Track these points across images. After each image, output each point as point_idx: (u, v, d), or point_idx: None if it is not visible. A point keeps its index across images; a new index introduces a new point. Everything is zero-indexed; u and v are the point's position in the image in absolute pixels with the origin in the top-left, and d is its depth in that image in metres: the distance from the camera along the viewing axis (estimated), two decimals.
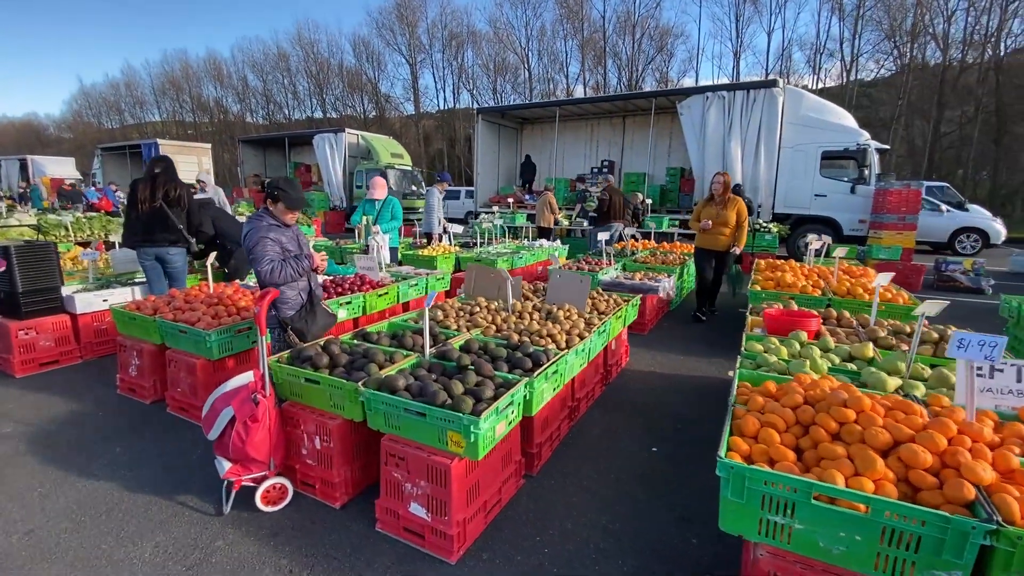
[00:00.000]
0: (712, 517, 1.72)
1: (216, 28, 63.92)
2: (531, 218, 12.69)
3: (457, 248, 7.25)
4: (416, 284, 4.94)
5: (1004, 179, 25.84)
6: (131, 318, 3.54)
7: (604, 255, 6.15)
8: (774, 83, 10.71)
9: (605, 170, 14.77)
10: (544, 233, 10.77)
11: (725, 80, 31.23)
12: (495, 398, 2.15)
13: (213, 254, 4.03)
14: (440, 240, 7.60)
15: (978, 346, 1.79)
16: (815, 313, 3.23)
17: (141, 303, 3.69)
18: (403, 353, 2.60)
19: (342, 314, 3.92)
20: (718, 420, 3.34)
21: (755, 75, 31.29)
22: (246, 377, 2.46)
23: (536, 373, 2.43)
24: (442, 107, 39.73)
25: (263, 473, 2.35)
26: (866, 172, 10.22)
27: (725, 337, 5.19)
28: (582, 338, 3.00)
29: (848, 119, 10.69)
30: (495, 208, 14.01)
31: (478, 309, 3.49)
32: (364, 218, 6.13)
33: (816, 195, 10.64)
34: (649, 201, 11.48)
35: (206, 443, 2.98)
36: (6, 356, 4.01)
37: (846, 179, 10.49)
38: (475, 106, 40.72)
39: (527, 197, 14.64)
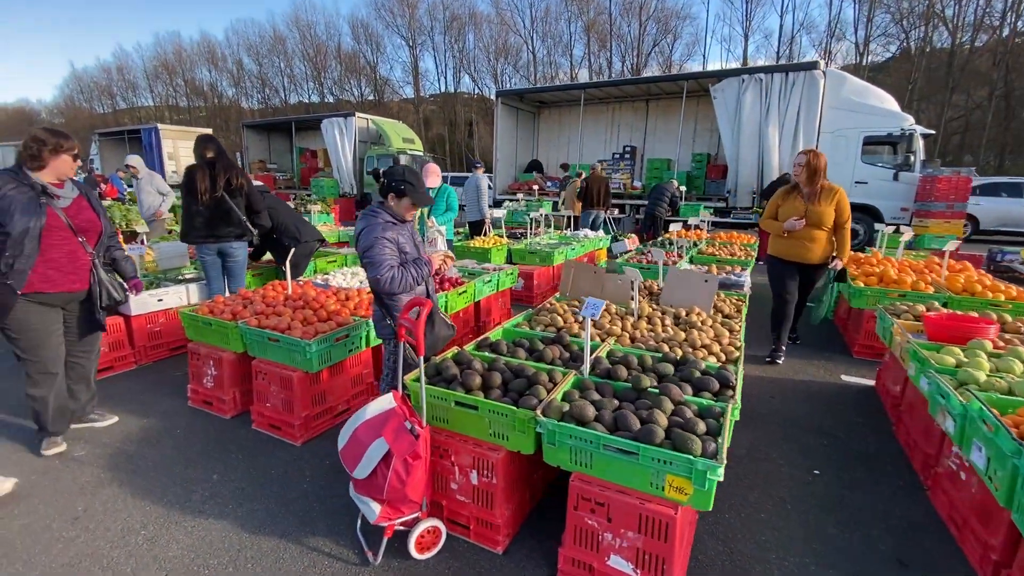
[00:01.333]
0: (932, 560, 1.40)
1: (210, 10, 62.10)
2: (554, 206, 12.31)
3: (507, 240, 6.86)
4: (490, 281, 4.58)
5: (1009, 165, 25.71)
6: (206, 323, 3.16)
7: (675, 246, 5.79)
8: (815, 65, 10.32)
9: (627, 155, 14.40)
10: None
11: (734, 64, 30.70)
12: (710, 433, 1.82)
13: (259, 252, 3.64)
14: (490, 230, 7.20)
15: None
16: (990, 318, 2.91)
17: (213, 305, 3.31)
18: (561, 371, 2.25)
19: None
20: (865, 434, 3.08)
21: (761, 59, 30.80)
22: (387, 401, 2.11)
23: (732, 397, 2.10)
24: (443, 91, 38.90)
25: (415, 515, 2.01)
26: (911, 158, 9.92)
27: (808, 334, 4.90)
28: (738, 348, 2.67)
29: (891, 103, 10.34)
30: (519, 195, 13.60)
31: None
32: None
33: (856, 182, 10.32)
34: (683, 188, 11.10)
35: (313, 468, 2.65)
36: None
37: (888, 165, 10.18)
38: (476, 90, 40.18)
39: (548, 184, 14.22)
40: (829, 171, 10.54)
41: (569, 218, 10.65)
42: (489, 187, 8.69)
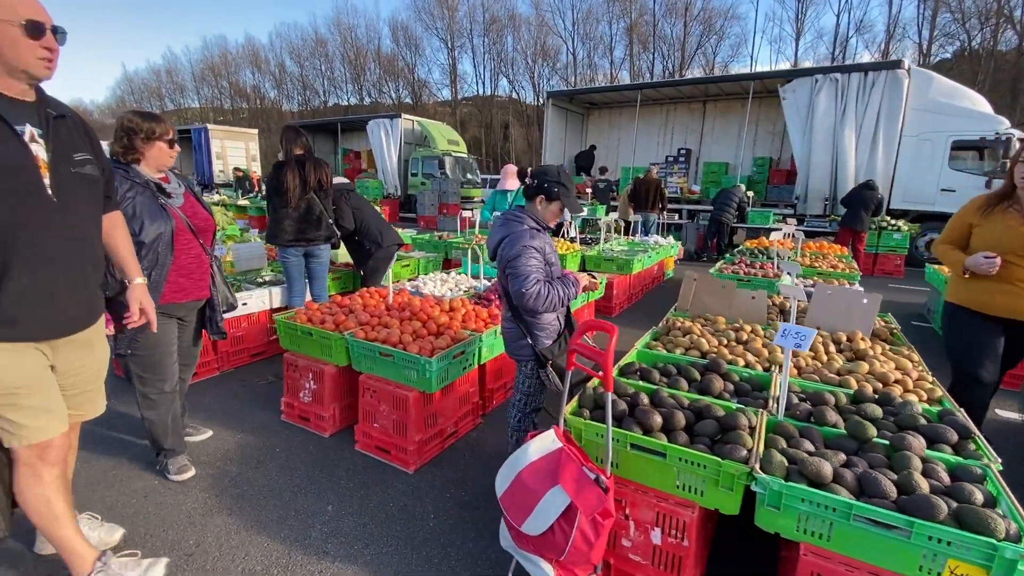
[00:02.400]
0: None
1: (256, 13, 63.91)
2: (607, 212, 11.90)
3: (581, 246, 6.52)
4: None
5: None
6: (306, 333, 2.92)
7: (775, 257, 5.34)
8: (899, 64, 9.66)
9: (682, 158, 13.89)
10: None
11: (785, 64, 29.62)
12: (987, 503, 1.44)
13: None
14: (567, 234, 6.87)
15: None
16: None
17: (310, 314, 3.07)
18: (752, 411, 1.89)
19: None
20: None
21: (808, 60, 29.61)
22: (550, 440, 1.79)
23: (974, 451, 1.71)
24: (480, 93, 38.87)
25: None
26: (1008, 165, 9.14)
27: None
28: (934, 384, 2.26)
29: (984, 105, 9.59)
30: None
31: (745, 335, 2.77)
32: (496, 214, 5.42)
33: (943, 190, 9.60)
34: (751, 194, 10.55)
35: (436, 504, 2.35)
36: None
37: (979, 172, 9.42)
38: (512, 93, 40.03)
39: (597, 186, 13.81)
40: (911, 176, 9.99)
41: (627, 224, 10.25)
42: None
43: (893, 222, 9.08)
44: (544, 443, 1.80)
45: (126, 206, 2.09)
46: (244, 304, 3.82)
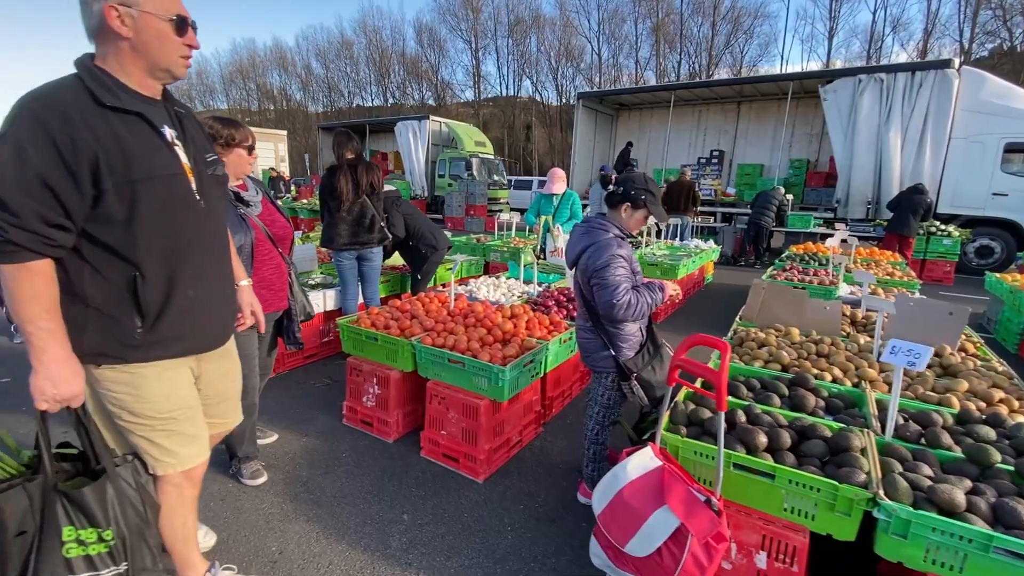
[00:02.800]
0: None
1: (284, 14, 64.82)
2: None
3: None
4: None
5: None
6: (371, 338, 2.91)
7: (831, 265, 5.17)
8: (948, 63, 9.32)
9: (715, 160, 13.67)
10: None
11: (815, 65, 28.96)
12: None
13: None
14: None
15: None
16: None
17: (374, 318, 3.06)
18: (856, 431, 1.80)
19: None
20: None
21: (839, 60, 28.83)
22: (648, 457, 1.74)
23: None
24: (503, 94, 38.88)
25: None
26: None
27: None
28: None
29: None
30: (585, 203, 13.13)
31: (826, 347, 2.66)
32: (540, 218, 5.38)
33: (994, 194, 9.23)
34: (791, 197, 10.30)
35: (511, 515, 2.32)
36: None
37: None
38: (535, 94, 39.97)
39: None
40: (960, 180, 9.60)
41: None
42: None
43: (943, 227, 8.76)
44: (643, 460, 1.75)
45: None
46: None
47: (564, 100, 35.58)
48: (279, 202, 13.41)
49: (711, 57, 31.17)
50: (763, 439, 1.74)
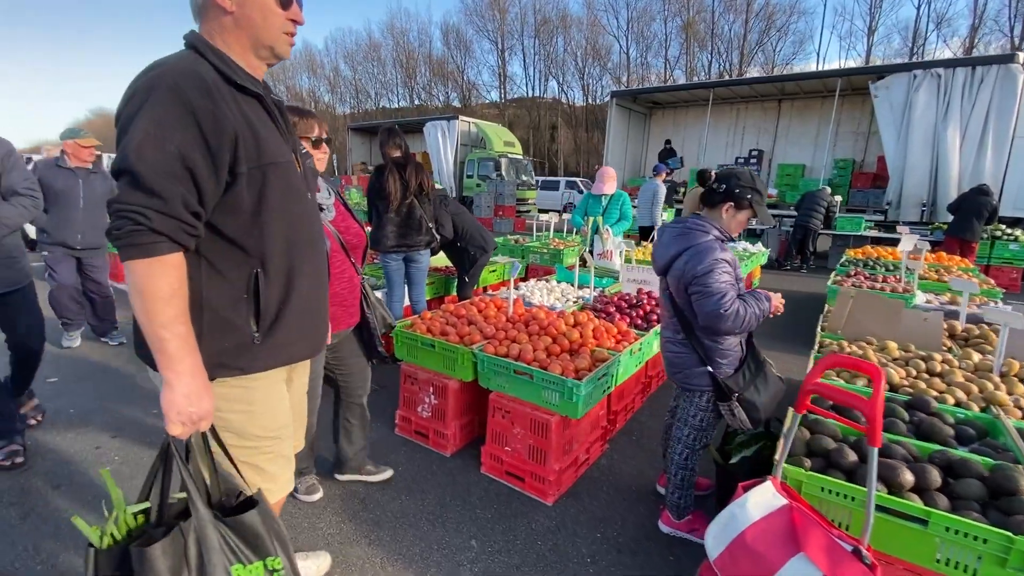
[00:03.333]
0: None
1: (315, 15, 65.23)
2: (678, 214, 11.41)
3: None
4: None
5: None
6: (427, 344, 2.74)
7: (903, 271, 4.80)
8: (1012, 57, 8.77)
9: (754, 160, 13.22)
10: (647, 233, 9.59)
11: (856, 62, 27.94)
12: None
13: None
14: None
15: None
16: None
17: (429, 323, 2.89)
18: (1017, 470, 1.54)
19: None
20: None
21: (878, 58, 27.73)
22: (769, 494, 1.51)
23: None
24: (529, 94, 38.70)
25: None
26: None
27: None
28: None
29: None
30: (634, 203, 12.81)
31: (937, 365, 2.38)
32: (588, 218, 5.15)
33: None
34: (839, 198, 9.84)
35: (588, 544, 2.11)
36: None
37: None
38: (561, 94, 39.64)
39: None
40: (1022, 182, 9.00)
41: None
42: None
43: (1009, 231, 8.23)
44: (764, 497, 1.52)
45: None
46: None
47: (591, 100, 35.22)
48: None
49: (743, 55, 30.43)
50: (909, 477, 1.50)
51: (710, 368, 1.94)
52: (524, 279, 5.92)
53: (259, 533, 1.12)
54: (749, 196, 1.89)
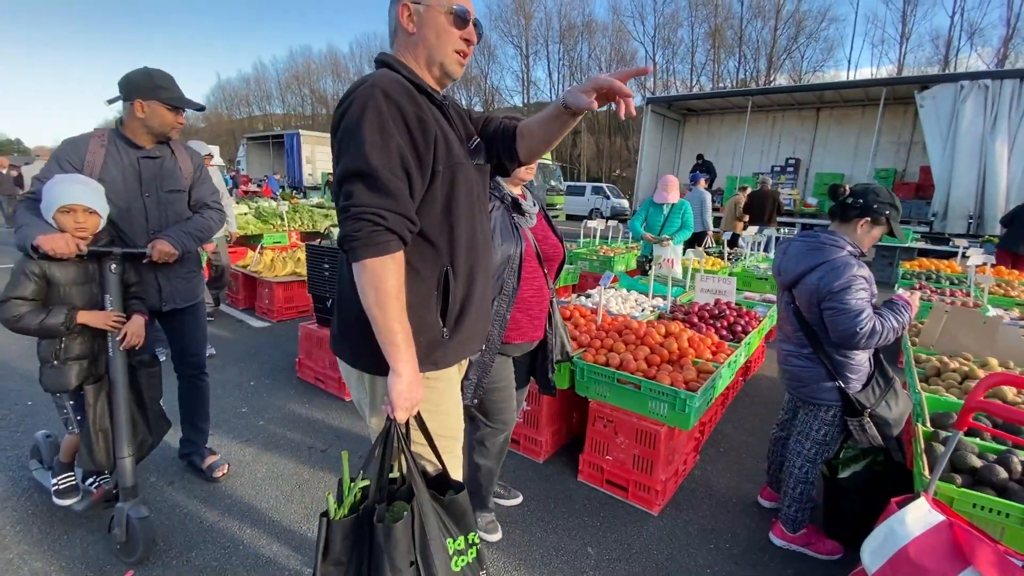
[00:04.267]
0: None
1: (342, 23, 66.59)
2: (716, 222, 11.34)
3: (726, 262, 6.14)
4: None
5: None
6: None
7: (969, 285, 4.73)
8: None
9: (791, 168, 13.10)
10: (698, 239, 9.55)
11: (887, 70, 27.55)
12: None
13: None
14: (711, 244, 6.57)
15: None
16: None
17: None
18: None
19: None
20: None
21: (917, 67, 27.23)
22: (926, 511, 1.52)
23: None
24: (552, 99, 38.80)
25: None
26: None
27: None
28: None
29: None
30: None
31: None
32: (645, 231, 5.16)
33: None
34: None
35: (704, 554, 2.12)
36: (337, 376, 3.46)
37: None
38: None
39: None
40: None
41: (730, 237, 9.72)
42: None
43: None
44: (921, 514, 1.53)
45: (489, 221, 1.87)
46: None
47: (614, 105, 35.15)
48: None
49: (771, 61, 30.17)
50: None
51: (840, 383, 1.95)
52: (575, 287, 5.97)
53: (466, 511, 1.23)
54: (887, 212, 1.90)
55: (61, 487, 2.15)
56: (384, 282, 1.08)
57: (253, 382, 3.70)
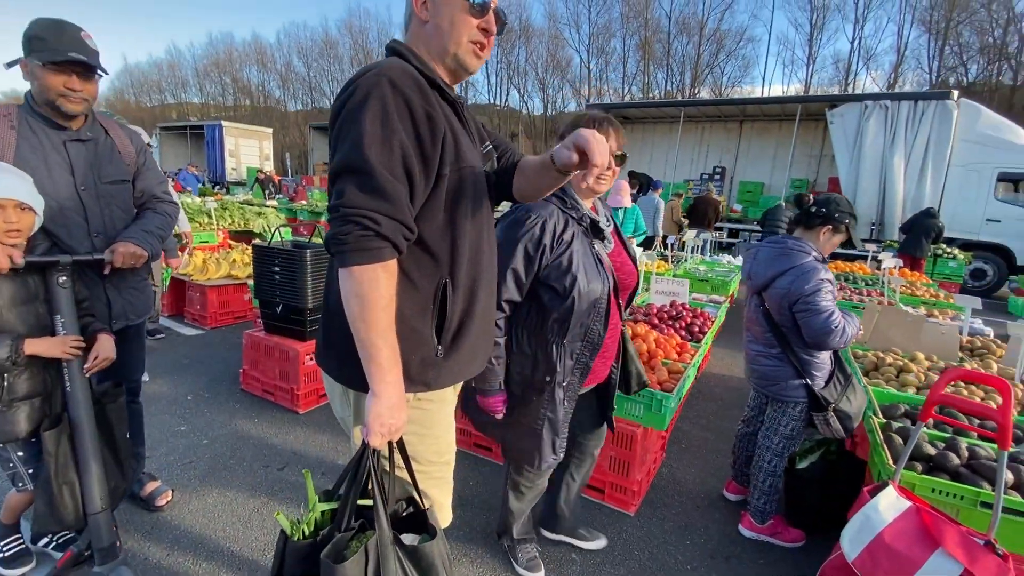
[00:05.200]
0: None
1: (266, 12, 62.60)
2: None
3: (669, 264, 6.40)
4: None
5: None
6: None
7: (883, 286, 5.23)
8: (948, 95, 9.79)
9: (718, 176, 13.95)
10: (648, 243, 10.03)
11: (796, 88, 30.12)
12: None
13: None
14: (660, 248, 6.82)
15: None
16: None
17: None
18: None
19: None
20: None
21: (821, 87, 30.06)
22: (895, 498, 1.65)
23: None
24: (491, 102, 38.91)
25: None
26: None
27: None
28: None
29: None
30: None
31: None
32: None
33: (988, 220, 9.71)
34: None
35: (685, 553, 2.18)
36: (291, 387, 3.23)
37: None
38: (521, 104, 40.24)
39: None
40: (957, 206, 10.00)
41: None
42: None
43: (949, 250, 9.15)
44: (891, 501, 1.65)
45: (560, 253, 1.49)
46: None
47: (551, 111, 35.87)
48: (275, 201, 12.84)
49: (695, 75, 32.02)
50: (1010, 476, 1.68)
51: (807, 381, 2.07)
52: None
53: (433, 564, 1.10)
54: (847, 221, 2.04)
55: (7, 554, 1.77)
56: (371, 292, 0.98)
57: (191, 396, 3.37)
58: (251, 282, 4.31)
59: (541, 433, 1.60)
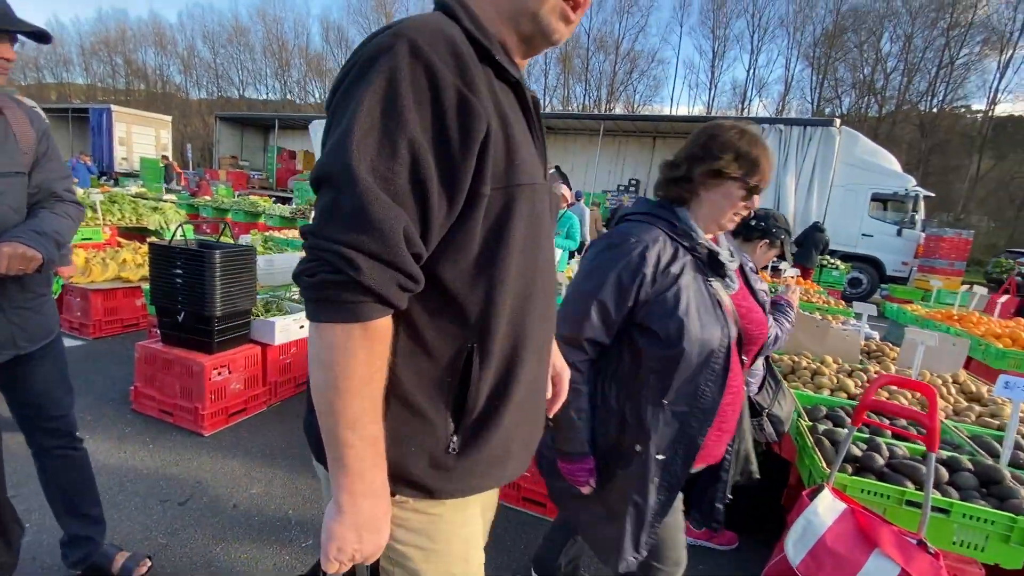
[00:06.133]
0: None
1: None
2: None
3: None
4: None
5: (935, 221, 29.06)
6: None
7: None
8: (831, 122, 11.03)
9: (633, 188, 14.65)
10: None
11: (699, 109, 32.65)
12: None
13: None
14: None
15: None
16: None
17: None
18: (990, 461, 1.96)
19: None
20: None
21: (720, 109, 32.92)
22: (831, 500, 1.72)
23: None
24: None
25: None
26: (916, 217, 10.73)
27: None
28: None
29: (896, 164, 11.21)
30: None
31: (873, 375, 2.90)
32: None
33: (863, 235, 11.04)
34: None
35: None
36: (194, 406, 2.84)
37: (893, 221, 10.96)
38: None
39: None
40: (839, 222, 11.24)
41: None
42: None
43: (832, 261, 10.24)
44: (828, 503, 1.73)
45: (665, 288, 1.17)
46: (302, 327, 3.32)
47: None
48: (174, 195, 11.61)
49: (611, 91, 33.66)
50: (944, 472, 1.82)
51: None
52: None
53: None
54: (782, 237, 2.14)
55: None
56: (343, 364, 0.64)
57: None
58: (146, 286, 3.79)
59: (624, 521, 1.25)
